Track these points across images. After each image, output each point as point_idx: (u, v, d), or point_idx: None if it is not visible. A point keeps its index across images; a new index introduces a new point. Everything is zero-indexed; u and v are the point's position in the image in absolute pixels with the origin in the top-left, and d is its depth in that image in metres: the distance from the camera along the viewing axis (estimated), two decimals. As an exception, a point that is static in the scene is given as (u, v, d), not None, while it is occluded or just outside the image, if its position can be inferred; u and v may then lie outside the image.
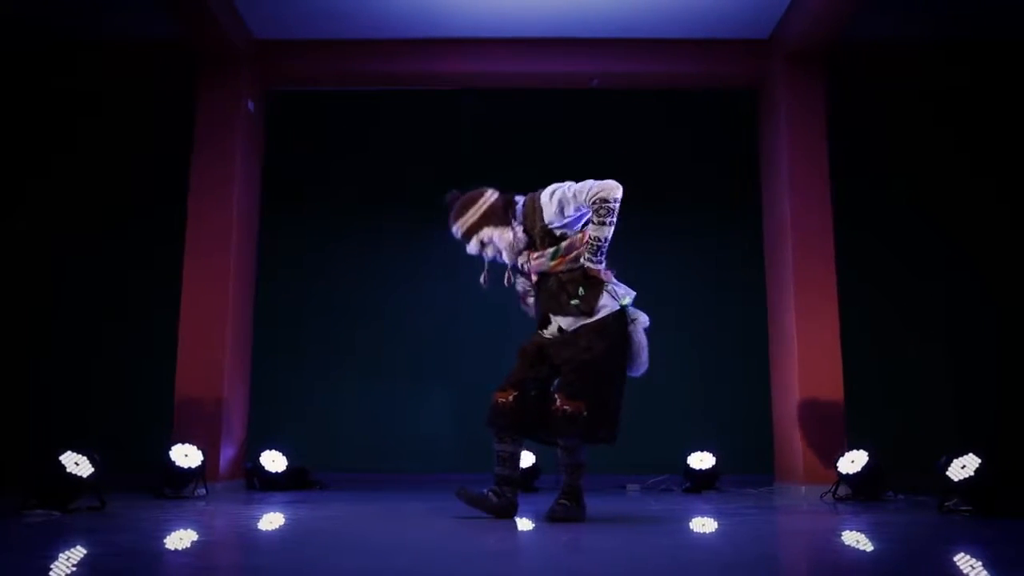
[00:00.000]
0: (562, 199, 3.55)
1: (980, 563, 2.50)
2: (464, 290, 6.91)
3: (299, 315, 6.73)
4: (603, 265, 3.56)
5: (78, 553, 2.58)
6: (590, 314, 3.53)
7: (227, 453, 5.60)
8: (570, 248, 3.56)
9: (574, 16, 5.90)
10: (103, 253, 6.54)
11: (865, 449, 5.07)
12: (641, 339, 3.68)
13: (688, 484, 5.84)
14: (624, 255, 6.88)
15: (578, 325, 3.54)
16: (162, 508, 4.16)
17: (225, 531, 3.40)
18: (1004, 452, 6.08)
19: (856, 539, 3.13)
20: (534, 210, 3.61)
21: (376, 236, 6.89)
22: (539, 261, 3.59)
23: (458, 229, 3.66)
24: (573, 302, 3.53)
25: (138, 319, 6.41)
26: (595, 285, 3.55)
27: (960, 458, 3.96)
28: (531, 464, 5.88)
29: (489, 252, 3.65)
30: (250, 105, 5.98)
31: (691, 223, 6.90)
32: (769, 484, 5.87)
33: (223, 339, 5.60)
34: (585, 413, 3.44)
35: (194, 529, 3.32)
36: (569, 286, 3.54)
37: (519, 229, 3.61)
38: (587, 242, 3.52)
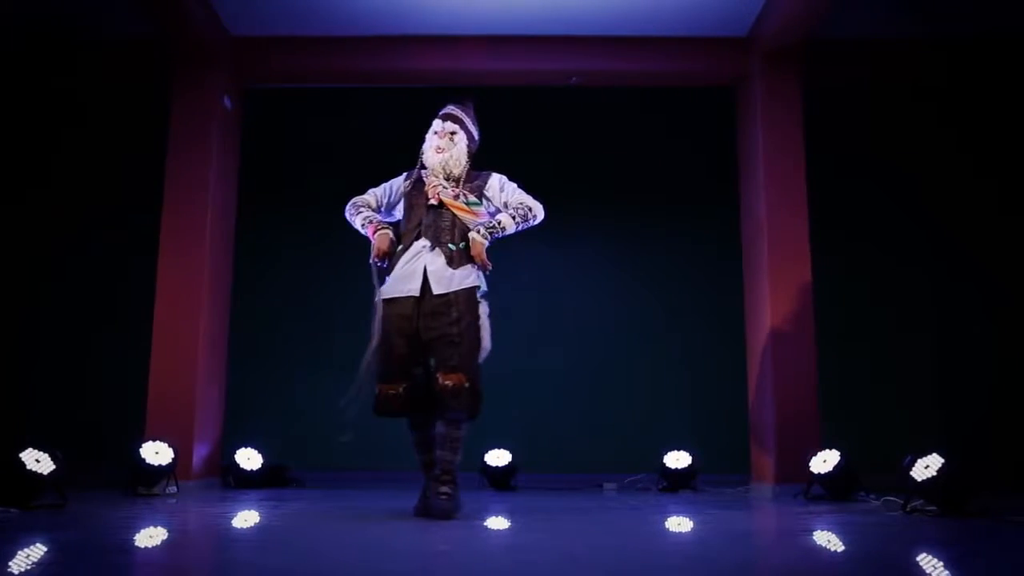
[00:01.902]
0: (509, 187, 3.87)
1: (919, 562, 2.49)
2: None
3: (277, 313, 6.72)
4: (486, 245, 3.68)
5: (15, 550, 2.57)
6: (453, 265, 3.62)
7: (201, 451, 5.59)
8: (480, 216, 3.76)
9: (552, 14, 5.88)
10: (76, 251, 6.54)
11: (838, 449, 5.06)
12: (487, 323, 3.73)
13: (664, 483, 5.83)
14: (602, 254, 6.97)
15: (446, 291, 3.60)
16: (125, 506, 4.15)
17: (177, 530, 3.39)
18: (984, 451, 6.11)
19: (803, 540, 3.12)
20: (480, 174, 3.89)
21: (354, 234, 6.85)
22: (453, 193, 3.73)
23: (458, 114, 3.93)
24: (451, 245, 3.65)
25: (113, 317, 6.40)
26: (471, 254, 3.67)
27: (924, 458, 3.94)
28: (507, 462, 5.88)
29: (445, 146, 3.83)
30: (227, 102, 5.97)
31: (670, 221, 6.88)
32: (746, 483, 5.86)
33: (196, 336, 5.59)
34: (467, 384, 3.54)
35: (145, 527, 3.31)
36: (457, 232, 3.69)
37: (468, 162, 3.89)
38: (491, 224, 3.73)
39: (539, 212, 3.83)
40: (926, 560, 2.58)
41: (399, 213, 3.90)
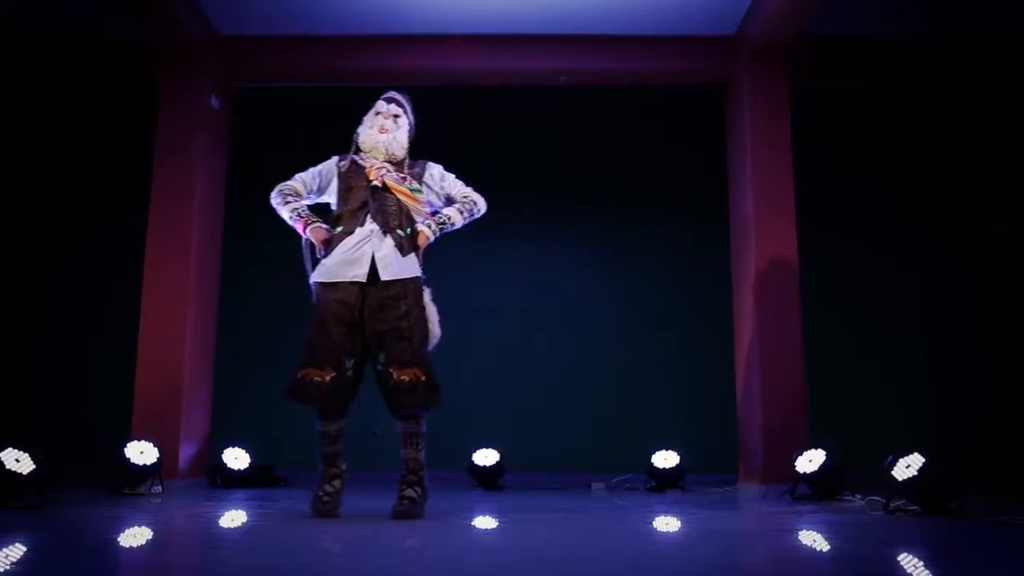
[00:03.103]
0: (449, 178, 3.84)
1: (884, 562, 2.48)
2: (439, 289, 6.90)
3: (266, 313, 6.71)
4: (431, 240, 3.67)
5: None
6: (401, 250, 3.57)
7: (188, 450, 5.59)
8: (421, 203, 3.71)
9: (541, 13, 5.87)
10: (63, 250, 6.54)
11: (824, 448, 5.05)
12: (434, 309, 3.68)
13: (652, 483, 5.82)
14: (590, 253, 6.96)
15: (394, 278, 3.53)
16: (106, 506, 4.14)
17: (152, 530, 3.38)
18: (975, 451, 6.10)
19: (773, 539, 3.10)
20: (418, 163, 3.83)
21: (344, 233, 6.86)
22: (397, 176, 3.67)
23: (401, 99, 3.88)
24: (400, 231, 3.60)
25: (102, 316, 6.40)
26: (415, 243, 3.64)
27: (905, 458, 3.92)
28: (495, 462, 5.87)
29: (391, 128, 3.76)
30: (213, 101, 5.97)
31: (659, 221, 6.88)
32: (734, 483, 5.84)
33: (183, 336, 5.58)
34: (423, 378, 3.47)
35: (119, 527, 3.30)
36: (403, 218, 3.64)
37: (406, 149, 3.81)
38: (441, 218, 3.72)
39: (482, 205, 3.80)
40: (887, 559, 2.57)
41: (329, 196, 3.80)
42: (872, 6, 5.78)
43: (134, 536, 3.06)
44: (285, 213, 3.75)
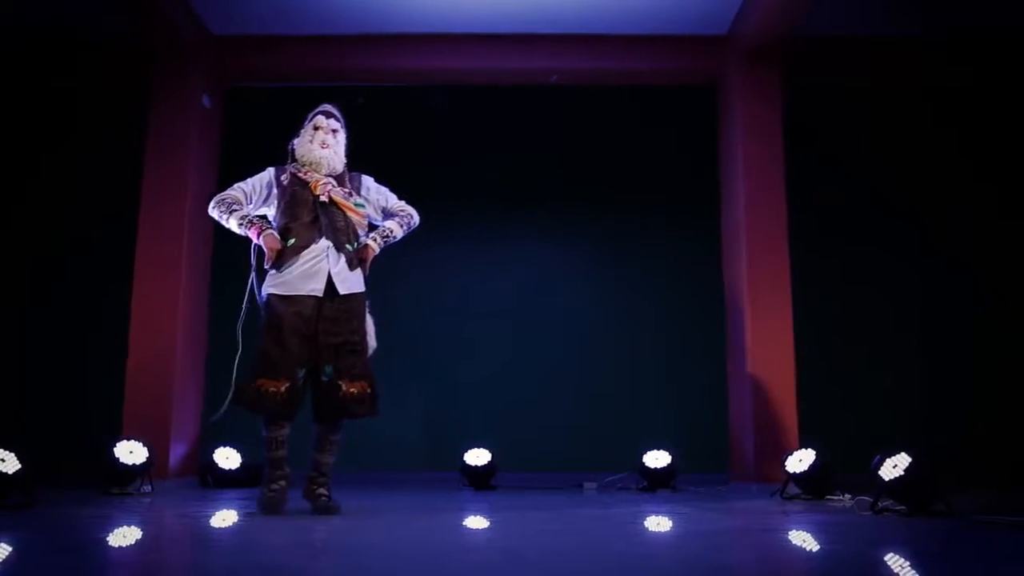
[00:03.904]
0: (384, 191, 4.00)
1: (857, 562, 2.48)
2: (427, 289, 6.91)
3: (257, 313, 6.68)
4: (376, 253, 3.81)
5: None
6: (351, 265, 3.71)
7: (179, 450, 5.59)
8: (363, 217, 3.85)
9: (532, 12, 5.88)
10: (53, 250, 6.54)
11: (816, 448, 5.04)
12: (371, 321, 3.85)
13: (644, 483, 5.81)
14: (582, 253, 6.95)
15: (349, 292, 3.68)
16: (93, 506, 4.14)
17: (135, 529, 3.38)
18: (969, 450, 6.09)
19: (752, 539, 3.10)
20: (354, 175, 3.94)
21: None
22: (343, 192, 3.79)
23: (338, 114, 3.99)
24: (348, 246, 3.73)
25: (95, 315, 6.40)
26: (361, 257, 3.79)
27: (892, 457, 3.91)
28: (487, 462, 5.86)
29: (331, 144, 3.86)
30: (206, 101, 5.97)
31: (651, 220, 6.88)
32: (727, 483, 5.84)
33: (174, 335, 5.59)
34: (369, 391, 3.68)
35: (103, 527, 3.30)
36: (352, 234, 3.78)
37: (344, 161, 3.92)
38: (385, 231, 3.87)
39: (417, 217, 4.00)
40: (866, 559, 2.56)
41: (268, 209, 3.87)
42: (862, 5, 5.78)
43: (117, 536, 3.05)
44: (233, 222, 3.79)
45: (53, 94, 6.69)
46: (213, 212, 3.83)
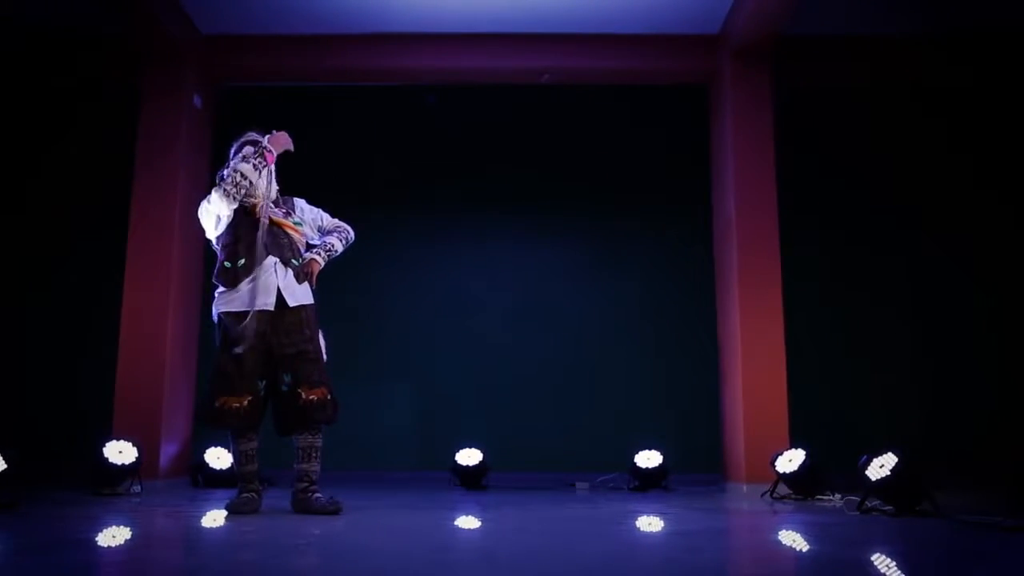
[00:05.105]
0: (316, 210, 4.15)
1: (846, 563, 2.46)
2: (418, 288, 6.90)
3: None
4: (321, 267, 3.96)
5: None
6: (298, 279, 3.83)
7: (169, 450, 5.58)
8: (303, 234, 4.00)
9: (523, 11, 5.86)
10: (44, 250, 6.54)
11: (806, 448, 5.03)
12: (321, 333, 3.93)
13: (636, 483, 5.80)
14: (574, 252, 6.94)
15: (299, 304, 3.79)
16: (81, 505, 4.14)
17: (122, 529, 3.38)
18: (964, 450, 6.07)
19: (731, 540, 3.09)
20: (287, 199, 4.06)
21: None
22: (281, 212, 3.91)
23: (268, 146, 3.96)
24: (294, 261, 3.87)
25: (86, 315, 6.40)
26: (307, 271, 3.91)
27: (879, 457, 3.90)
28: (478, 462, 5.85)
29: (262, 166, 3.86)
30: (196, 101, 5.96)
31: (642, 220, 6.87)
32: (718, 483, 5.83)
33: (164, 335, 5.58)
34: (329, 397, 3.77)
35: (88, 527, 3.30)
36: (295, 251, 3.91)
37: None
38: (327, 246, 4.03)
39: (353, 232, 4.17)
40: (845, 560, 2.55)
41: (219, 228, 3.92)
42: (854, 5, 5.76)
43: (100, 535, 3.05)
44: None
45: (44, 93, 6.68)
46: (218, 192, 3.79)
